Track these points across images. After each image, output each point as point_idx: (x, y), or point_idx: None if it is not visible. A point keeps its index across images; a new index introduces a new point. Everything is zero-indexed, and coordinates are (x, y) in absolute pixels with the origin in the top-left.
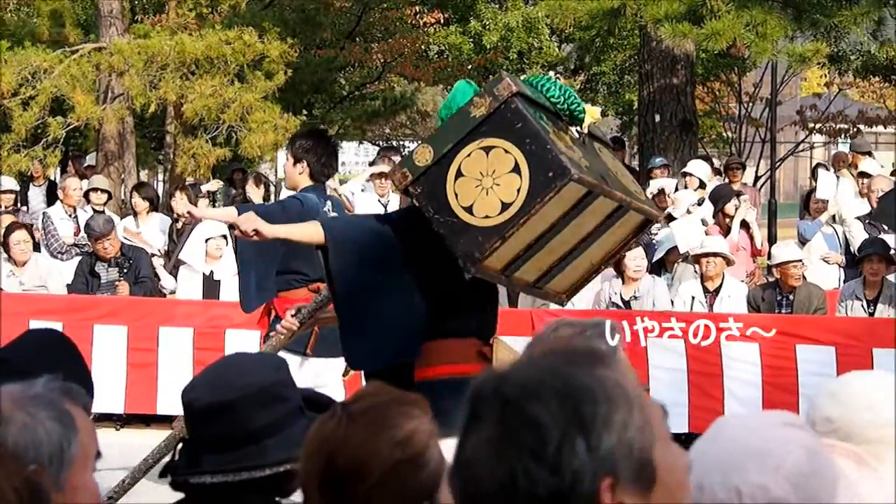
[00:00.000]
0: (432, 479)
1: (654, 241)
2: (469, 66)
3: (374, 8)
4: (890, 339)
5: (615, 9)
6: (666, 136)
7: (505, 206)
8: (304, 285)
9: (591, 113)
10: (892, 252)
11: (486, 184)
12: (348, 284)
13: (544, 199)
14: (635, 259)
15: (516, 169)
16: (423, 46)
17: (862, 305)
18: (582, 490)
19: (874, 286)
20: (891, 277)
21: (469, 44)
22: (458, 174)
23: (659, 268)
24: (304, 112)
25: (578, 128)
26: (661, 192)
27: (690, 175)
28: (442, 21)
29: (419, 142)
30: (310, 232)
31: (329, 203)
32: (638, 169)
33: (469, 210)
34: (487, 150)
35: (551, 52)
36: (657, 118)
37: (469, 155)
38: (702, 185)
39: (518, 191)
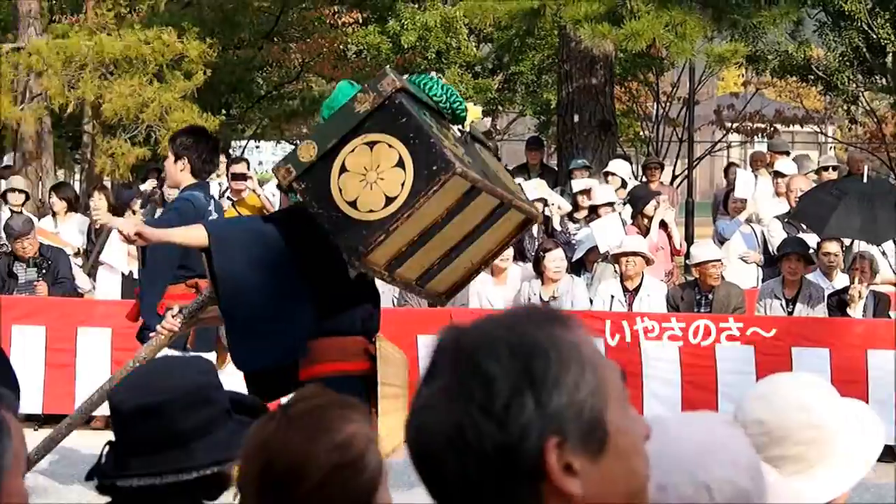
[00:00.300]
0: (371, 482)
1: (574, 241)
2: (387, 66)
3: (292, 8)
4: (808, 338)
5: (535, 9)
6: (585, 136)
7: (389, 201)
8: (183, 281)
9: (473, 112)
10: (810, 251)
11: (371, 178)
12: (233, 285)
13: (428, 194)
14: (555, 260)
15: (400, 163)
16: (341, 46)
17: (781, 304)
18: (528, 448)
19: (793, 285)
20: (809, 276)
21: (387, 43)
22: (343, 169)
23: (579, 267)
24: (223, 112)
25: (460, 126)
26: (588, 191)
27: (613, 174)
28: (360, 21)
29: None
30: (193, 235)
31: (212, 203)
32: (557, 169)
33: (353, 205)
34: (371, 144)
35: (469, 51)
36: (576, 118)
37: (353, 150)
38: (623, 185)
39: (402, 185)
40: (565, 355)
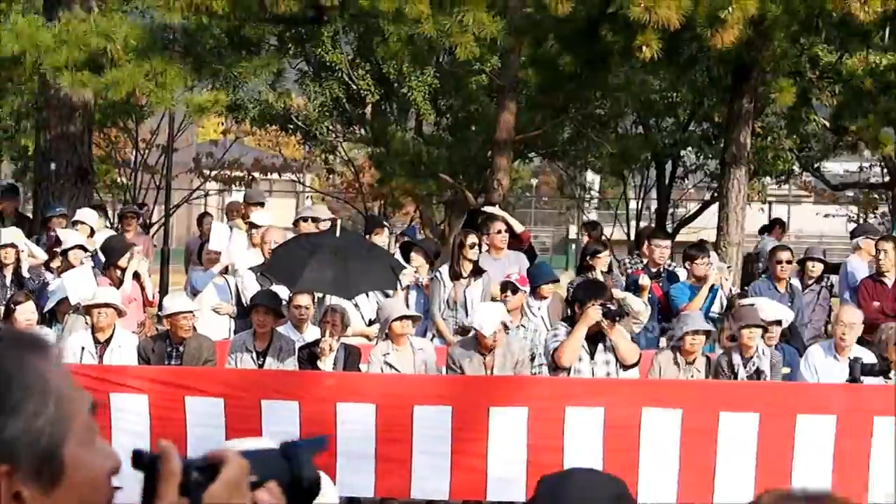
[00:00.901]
0: None
1: (45, 292)
2: None
3: None
4: (278, 391)
5: (15, 56)
6: (62, 183)
7: None
8: None
9: None
10: (282, 304)
11: None
12: None
13: None
14: (24, 312)
15: None
16: None
17: (252, 357)
18: None
19: (263, 338)
20: (280, 329)
21: None
22: None
23: (51, 319)
24: None
25: None
26: (58, 240)
27: (82, 223)
28: None
29: None
30: None
31: None
32: (32, 217)
33: None
34: None
35: None
36: (53, 166)
37: None
38: (92, 233)
39: None
40: (30, 382)
